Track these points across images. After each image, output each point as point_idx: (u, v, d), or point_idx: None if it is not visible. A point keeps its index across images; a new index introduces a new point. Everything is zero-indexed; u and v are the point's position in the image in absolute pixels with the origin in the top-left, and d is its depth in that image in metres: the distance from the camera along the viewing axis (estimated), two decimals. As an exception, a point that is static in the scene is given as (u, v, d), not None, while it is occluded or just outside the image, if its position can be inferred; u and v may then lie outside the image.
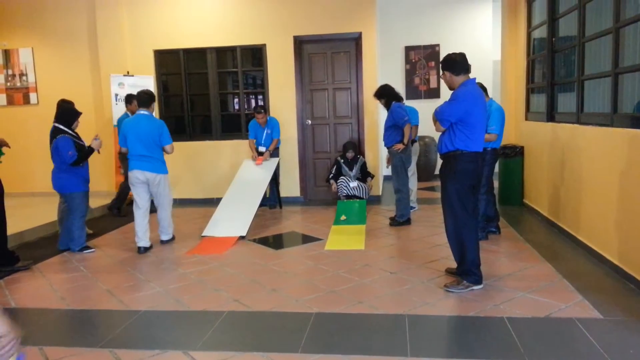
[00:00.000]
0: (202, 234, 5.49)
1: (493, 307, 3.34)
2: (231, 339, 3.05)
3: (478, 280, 3.67)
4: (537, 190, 6.04)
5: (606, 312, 3.19)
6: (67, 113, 4.90)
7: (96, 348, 2.94)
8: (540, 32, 6.14)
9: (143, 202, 4.98)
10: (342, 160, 6.76)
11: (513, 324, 3.07)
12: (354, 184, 6.62)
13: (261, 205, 6.00)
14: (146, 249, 4.98)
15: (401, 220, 5.69)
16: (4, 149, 4.46)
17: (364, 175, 6.78)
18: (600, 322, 3.06)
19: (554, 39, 5.67)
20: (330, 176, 6.78)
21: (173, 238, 5.37)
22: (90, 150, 4.88)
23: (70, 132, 4.81)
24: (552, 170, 5.45)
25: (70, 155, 4.72)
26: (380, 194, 7.47)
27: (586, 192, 4.50)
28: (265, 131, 6.72)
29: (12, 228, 4.87)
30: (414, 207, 6.36)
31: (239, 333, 3.13)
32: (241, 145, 7.27)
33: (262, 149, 6.72)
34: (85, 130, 5.68)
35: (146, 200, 5.02)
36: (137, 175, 4.91)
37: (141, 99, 5.03)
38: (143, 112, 5.00)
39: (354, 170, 6.69)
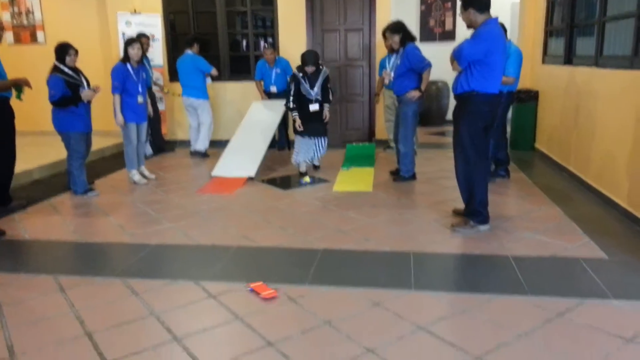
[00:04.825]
0: (212, 174, 5.52)
1: (499, 247, 3.37)
2: (240, 271, 3.13)
3: (485, 221, 3.69)
4: (549, 135, 5.95)
5: (611, 253, 3.21)
6: (58, 48, 4.72)
7: (109, 277, 3.03)
8: (563, -30, 5.85)
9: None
10: (300, 75, 5.33)
11: (518, 262, 3.11)
12: (314, 107, 5.37)
13: (270, 147, 5.99)
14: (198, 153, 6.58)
15: (407, 175, 5.19)
16: (26, 89, 4.42)
17: (325, 93, 5.45)
18: (604, 262, 3.08)
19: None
20: (291, 103, 5.36)
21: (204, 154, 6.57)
22: (75, 98, 4.65)
23: (66, 69, 4.66)
24: (565, 114, 5.34)
25: (52, 95, 4.56)
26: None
27: (599, 137, 4.42)
28: (274, 71, 6.60)
29: (21, 165, 4.91)
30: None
31: (247, 266, 3.21)
32: (250, 87, 7.17)
33: (273, 88, 6.63)
34: (92, 69, 5.62)
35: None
36: None
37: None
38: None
39: (315, 88, 5.33)
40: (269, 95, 6.69)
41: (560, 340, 2.28)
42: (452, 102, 4.75)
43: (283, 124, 6.69)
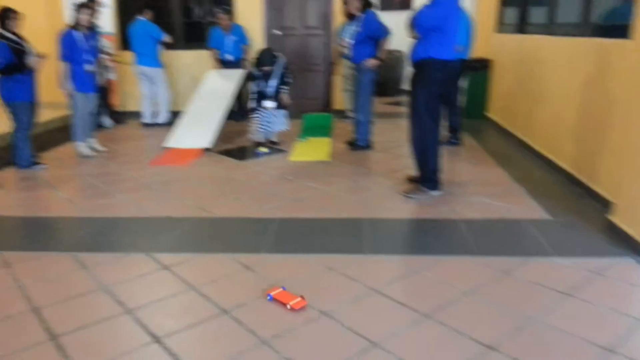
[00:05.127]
0: (166, 145, 5.39)
1: (449, 211, 3.47)
2: (195, 242, 3.10)
3: (437, 187, 3.78)
4: (500, 103, 6.11)
5: (555, 214, 3.36)
6: None
7: (57, 252, 2.94)
8: (515, -62, 5.90)
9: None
10: (258, 73, 5.24)
11: (467, 225, 3.22)
12: (269, 104, 5.21)
13: (229, 118, 5.89)
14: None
15: (363, 145, 5.20)
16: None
17: (283, 81, 5.30)
18: (549, 223, 3.23)
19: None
20: (253, 102, 5.30)
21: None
22: (21, 65, 4.39)
23: (8, 34, 4.38)
24: (516, 82, 5.48)
25: None
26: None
27: (547, 104, 4.57)
28: (229, 38, 6.43)
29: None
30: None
31: (203, 237, 3.18)
32: (206, 56, 6.96)
33: (228, 57, 6.48)
34: (36, 36, 5.29)
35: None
36: None
37: None
38: None
39: (273, 81, 5.21)
40: (224, 64, 6.53)
41: (504, 295, 2.39)
42: (408, 73, 4.76)
43: (241, 94, 6.57)
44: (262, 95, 5.28)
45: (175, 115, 6.36)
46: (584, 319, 2.20)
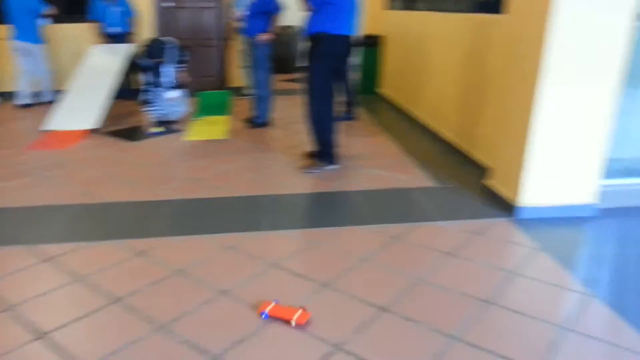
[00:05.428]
0: (45, 128, 4.94)
1: (346, 183, 3.60)
2: (82, 230, 2.90)
3: (334, 161, 3.87)
4: (391, 79, 6.37)
5: (440, 181, 3.62)
6: None
7: None
8: None
9: None
10: (150, 63, 4.98)
11: (363, 196, 3.36)
12: (170, 94, 5.00)
13: (117, 97, 5.53)
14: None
15: (261, 122, 5.18)
16: None
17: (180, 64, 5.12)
18: (434, 190, 3.47)
19: None
20: (146, 95, 5.00)
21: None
22: None
23: None
24: (404, 58, 5.74)
25: None
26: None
27: (431, 78, 4.85)
28: (114, 10, 5.99)
29: None
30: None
31: (90, 224, 2.98)
32: (88, 29, 6.42)
33: (113, 30, 6.03)
34: None
35: None
36: None
37: None
38: None
39: (167, 69, 5.00)
40: (109, 37, 6.07)
41: (395, 259, 2.54)
42: (303, 49, 4.77)
43: (132, 71, 6.17)
44: (157, 86, 5.01)
45: (56, 94, 5.84)
46: (466, 276, 2.41)
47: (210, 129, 5.12)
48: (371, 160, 4.12)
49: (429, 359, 1.84)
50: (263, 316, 2.06)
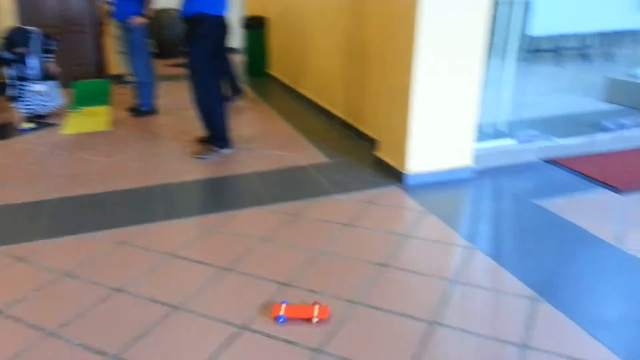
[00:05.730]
0: None
1: (241, 166, 3.57)
2: (-56, 242, 2.57)
3: (227, 145, 3.81)
4: (278, 59, 6.38)
5: (333, 157, 3.72)
6: None
7: None
8: None
9: None
10: (10, 56, 4.49)
11: (259, 177, 3.35)
12: (39, 86, 4.58)
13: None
14: None
15: (146, 109, 4.93)
16: None
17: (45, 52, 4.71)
18: (328, 165, 3.57)
19: None
20: (13, 90, 4.52)
21: None
22: None
23: None
24: (288, 38, 5.76)
25: None
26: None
27: (317, 57, 4.93)
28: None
29: None
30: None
31: (-46, 234, 2.66)
32: None
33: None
34: None
35: None
36: None
37: None
38: None
39: (32, 61, 4.56)
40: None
41: (295, 236, 2.58)
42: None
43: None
44: (23, 79, 4.54)
45: None
46: (363, 243, 2.52)
47: (90, 120, 4.77)
48: (264, 141, 4.11)
49: (335, 325, 1.91)
50: (280, 320, 1.90)
